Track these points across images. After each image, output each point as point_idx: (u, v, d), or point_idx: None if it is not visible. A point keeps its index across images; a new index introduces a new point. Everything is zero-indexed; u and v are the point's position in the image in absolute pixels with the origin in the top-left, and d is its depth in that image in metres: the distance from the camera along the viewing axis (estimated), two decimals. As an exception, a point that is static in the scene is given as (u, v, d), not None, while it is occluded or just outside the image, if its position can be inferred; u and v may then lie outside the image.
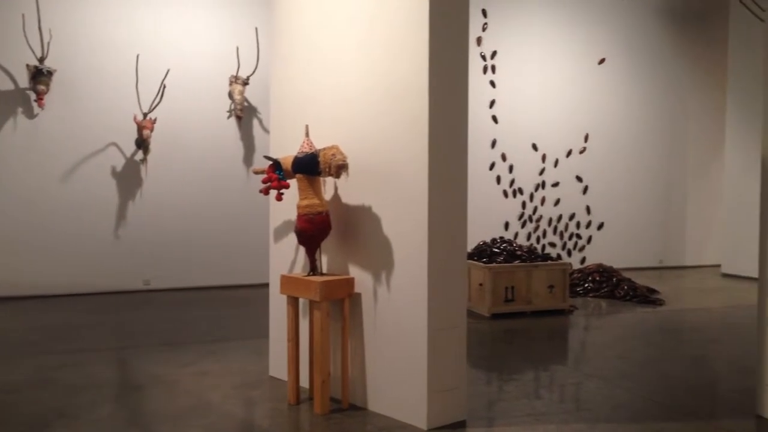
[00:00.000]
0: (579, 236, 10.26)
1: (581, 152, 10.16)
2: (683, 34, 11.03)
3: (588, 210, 10.26)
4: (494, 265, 7.12)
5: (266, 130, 8.82)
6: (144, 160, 8.33)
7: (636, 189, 10.75)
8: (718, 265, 10.72)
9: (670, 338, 6.45)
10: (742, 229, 9.74)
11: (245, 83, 8.76)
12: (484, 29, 9.38)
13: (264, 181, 4.23)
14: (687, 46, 11.05)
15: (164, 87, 8.36)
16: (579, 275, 8.74)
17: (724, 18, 10.68)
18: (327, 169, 4.08)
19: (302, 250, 4.50)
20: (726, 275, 10.20)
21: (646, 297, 8.10)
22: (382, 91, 4.06)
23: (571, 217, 10.18)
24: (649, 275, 9.94)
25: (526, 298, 7.16)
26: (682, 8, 11.03)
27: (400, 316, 3.96)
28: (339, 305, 4.20)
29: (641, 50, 10.73)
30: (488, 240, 7.80)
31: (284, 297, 4.37)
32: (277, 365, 4.79)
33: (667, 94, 10.95)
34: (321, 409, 4.07)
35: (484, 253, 7.44)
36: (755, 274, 4.30)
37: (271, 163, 4.27)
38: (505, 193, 9.73)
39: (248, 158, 8.97)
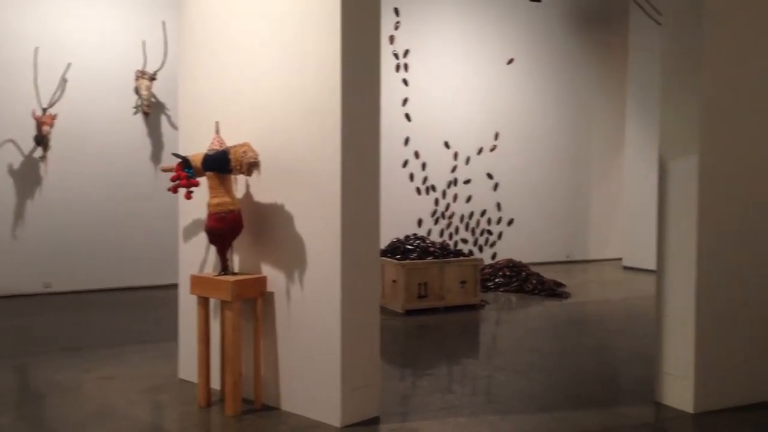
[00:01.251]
0: (490, 232, 10.48)
1: (492, 150, 10.38)
2: (587, 37, 11.44)
3: (498, 207, 10.50)
4: (407, 261, 7.19)
5: (175, 127, 8.58)
6: (43, 158, 7.95)
7: (544, 186, 11.07)
8: (620, 259, 11.19)
9: (576, 330, 6.69)
10: (642, 224, 10.19)
11: (152, 78, 8.50)
12: (396, 28, 9.44)
13: (173, 179, 4.11)
14: (590, 49, 11.47)
15: (65, 81, 8.01)
16: (490, 270, 8.93)
17: (626, 22, 11.15)
18: (238, 167, 4.01)
19: (213, 249, 4.40)
20: (627, 268, 10.65)
21: (553, 290, 8.36)
22: (294, 88, 4.02)
23: (483, 213, 10.39)
24: (556, 269, 10.26)
25: (439, 294, 7.26)
26: (587, 12, 11.44)
27: (314, 315, 3.94)
28: (251, 305, 4.13)
29: (548, 52, 11.06)
30: (402, 237, 7.86)
31: (194, 297, 4.27)
32: (187, 368, 4.67)
33: (572, 95, 11.34)
34: (232, 410, 4.00)
35: (397, 249, 7.50)
36: (653, 266, 4.50)
37: (179, 160, 4.16)
38: (418, 191, 9.83)
39: (156, 156, 8.71)
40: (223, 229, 4.01)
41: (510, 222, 10.59)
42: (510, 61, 10.43)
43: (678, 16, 4.24)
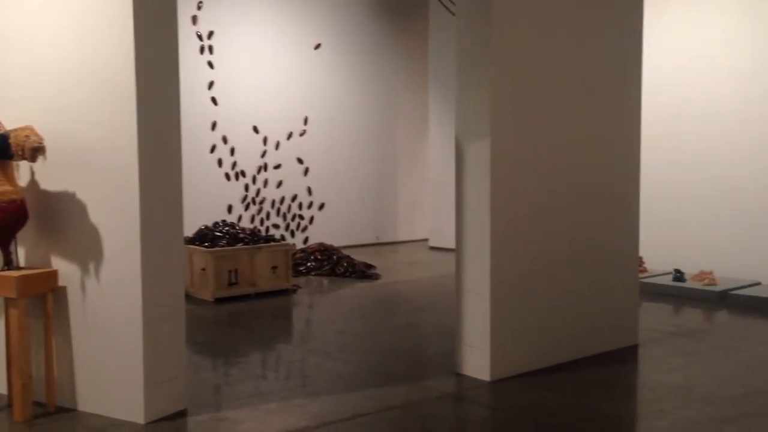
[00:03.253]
0: (301, 217, 10.51)
1: (301, 135, 10.39)
2: (391, 24, 11.76)
3: (309, 191, 10.55)
4: (216, 249, 7.02)
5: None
6: None
7: (354, 170, 11.28)
8: (427, 240, 11.71)
9: (385, 309, 6.91)
10: (445, 206, 10.70)
11: None
12: (199, 8, 9.12)
13: (-59, 166, 3.68)
14: (395, 37, 11.81)
15: None
16: (302, 255, 8.97)
17: (426, 11, 11.58)
18: (20, 152, 3.68)
19: (-6, 242, 4.01)
20: (433, 248, 11.17)
21: (364, 272, 8.57)
22: (86, 70, 3.74)
23: (294, 198, 10.39)
24: (367, 251, 10.53)
25: (250, 281, 7.17)
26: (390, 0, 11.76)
27: (112, 308, 3.73)
28: (40, 301, 3.82)
29: (354, 38, 11.24)
30: (210, 224, 7.66)
31: (-27, 296, 3.87)
32: (-32, 374, 4.23)
33: (379, 81, 11.62)
34: (22, 416, 3.68)
35: (206, 237, 7.29)
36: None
37: (-51, 144, 3.72)
38: (228, 176, 9.61)
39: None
40: (6, 220, 3.67)
41: (321, 206, 10.68)
42: (317, 46, 10.48)
43: (470, 7, 4.47)
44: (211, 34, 9.32)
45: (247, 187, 9.84)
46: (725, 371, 4.64)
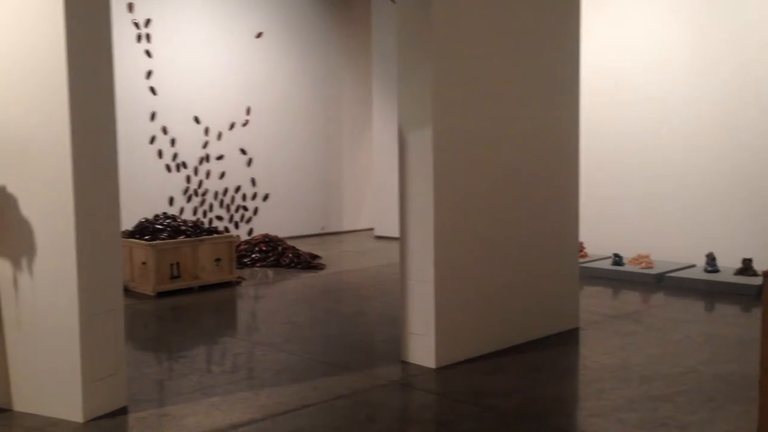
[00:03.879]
0: (246, 208, 10.39)
1: (244, 125, 10.25)
2: (334, 13, 11.68)
3: (253, 182, 10.43)
4: (157, 242, 6.88)
5: None
6: None
7: (298, 161, 11.19)
8: (372, 229, 11.72)
9: (331, 299, 6.89)
10: (390, 195, 10.73)
11: None
12: (136, -5, 8.90)
13: None
14: (338, 25, 11.74)
15: None
16: (246, 247, 8.87)
17: (368, -1, 11.57)
18: (-55, 144, 3.52)
19: None
20: (379, 237, 11.20)
21: (310, 263, 8.53)
22: (13, 59, 3.60)
23: (237, 189, 10.26)
24: (312, 242, 10.48)
25: (193, 274, 7.06)
26: (332, -11, 11.68)
27: (47, 305, 3.61)
28: (-29, 299, 3.68)
29: (297, 26, 11.11)
30: (151, 217, 7.50)
31: None
32: None
33: (322, 70, 11.53)
34: (-46, 419, 3.55)
35: (146, 230, 7.13)
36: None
37: None
38: (168, 168, 9.42)
39: None
40: (-69, 216, 3.52)
41: (265, 197, 10.58)
42: (259, 35, 10.35)
43: (410, -4, 4.47)
44: (148, 22, 9.10)
45: (188, 179, 9.67)
46: (661, 351, 4.78)
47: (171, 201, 9.39)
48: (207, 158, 9.86)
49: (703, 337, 5.13)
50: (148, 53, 9.08)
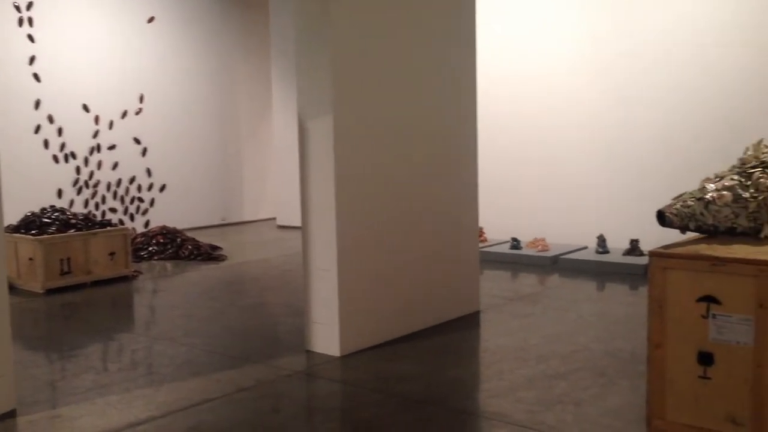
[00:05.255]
0: (141, 200, 10.02)
1: (137, 113, 9.88)
2: (230, -2, 11.43)
3: (149, 172, 10.08)
4: (45, 236, 6.53)
5: None
6: None
7: (195, 150, 10.89)
8: (274, 218, 11.58)
9: (232, 291, 6.77)
10: (291, 184, 10.61)
11: None
12: (16, -25, 8.38)
13: None
14: (235, 11, 11.47)
15: None
16: (143, 239, 8.58)
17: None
18: None
19: None
20: (281, 227, 11.08)
21: (210, 254, 8.34)
22: None
23: (132, 180, 9.88)
24: (212, 233, 10.25)
25: (85, 269, 6.76)
26: (228, -27, 11.40)
27: None
28: None
29: (193, 11, 10.77)
30: (37, 210, 7.11)
31: None
32: None
33: (218, 56, 11.25)
34: None
35: (33, 224, 6.77)
36: (302, 223, 4.72)
37: None
38: (56, 158, 8.95)
39: None
40: None
41: (162, 188, 10.26)
42: (150, 20, 9.98)
43: (308, -18, 4.41)
44: (30, 5, 8.59)
45: (78, 170, 9.23)
46: (556, 330, 4.97)
47: (60, 193, 8.95)
48: (98, 148, 9.44)
49: (594, 316, 5.37)
50: (30, 38, 8.58)
